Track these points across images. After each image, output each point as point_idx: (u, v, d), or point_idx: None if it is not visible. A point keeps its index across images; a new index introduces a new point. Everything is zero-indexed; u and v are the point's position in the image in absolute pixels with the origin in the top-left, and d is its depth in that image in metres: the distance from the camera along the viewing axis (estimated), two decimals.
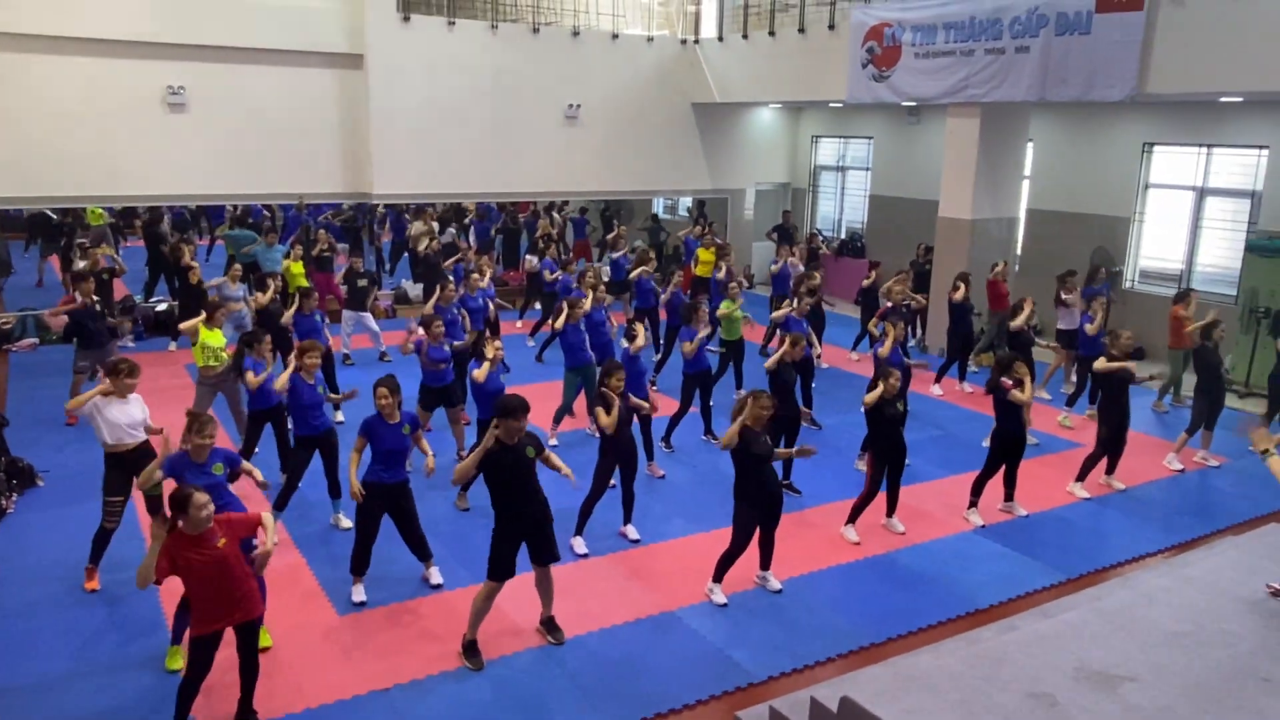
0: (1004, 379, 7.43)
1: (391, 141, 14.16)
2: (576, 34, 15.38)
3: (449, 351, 8.48)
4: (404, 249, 17.66)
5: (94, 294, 9.76)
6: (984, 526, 7.63)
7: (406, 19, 14.04)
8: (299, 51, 13.62)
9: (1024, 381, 7.45)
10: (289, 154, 13.91)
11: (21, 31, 11.98)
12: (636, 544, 7.17)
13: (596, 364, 8.99)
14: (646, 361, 8.54)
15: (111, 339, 9.83)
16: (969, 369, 11.59)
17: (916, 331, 13.45)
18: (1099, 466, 8.42)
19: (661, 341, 11.68)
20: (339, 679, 5.40)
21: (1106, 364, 8.05)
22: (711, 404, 9.52)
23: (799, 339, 8.12)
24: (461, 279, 10.97)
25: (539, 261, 13.57)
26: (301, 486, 7.47)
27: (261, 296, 10.18)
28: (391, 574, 6.54)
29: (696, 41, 16.47)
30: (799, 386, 8.46)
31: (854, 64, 13.38)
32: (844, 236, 17.97)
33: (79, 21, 12.27)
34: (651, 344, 11.00)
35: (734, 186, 17.74)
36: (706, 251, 14.21)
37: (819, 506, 7.92)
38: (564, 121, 15.48)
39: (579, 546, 7.01)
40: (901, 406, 7.30)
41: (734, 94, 16.03)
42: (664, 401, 9.63)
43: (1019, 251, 14.09)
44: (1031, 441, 9.49)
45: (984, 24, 11.66)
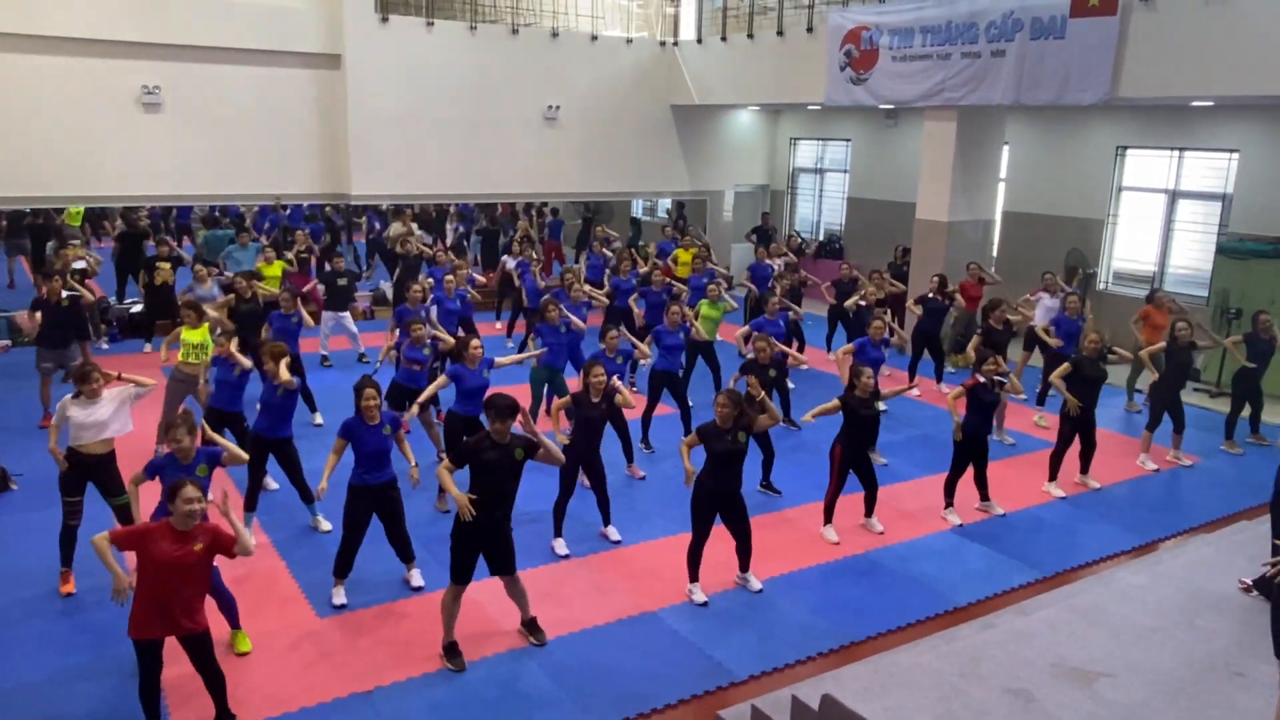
0: (978, 375, 7.53)
1: (370, 142, 14.10)
2: (555, 35, 15.38)
3: (427, 354, 8.46)
4: (378, 248, 17.66)
5: (61, 292, 9.51)
6: (961, 526, 7.71)
7: (385, 19, 14.00)
8: (276, 52, 13.54)
9: (1004, 379, 7.55)
10: (266, 154, 13.82)
11: None
12: (618, 545, 7.19)
13: (570, 362, 9.08)
14: (623, 362, 8.55)
15: (76, 340, 9.62)
16: (945, 370, 11.68)
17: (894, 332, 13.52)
18: (1073, 466, 8.53)
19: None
20: (319, 682, 5.38)
21: (1056, 378, 8.22)
22: (691, 405, 9.54)
23: (763, 339, 8.16)
24: (441, 280, 10.92)
25: (514, 263, 13.58)
26: (280, 489, 7.43)
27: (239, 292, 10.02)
28: (372, 576, 6.51)
29: (675, 43, 16.52)
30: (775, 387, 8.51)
31: (832, 67, 13.48)
32: (822, 239, 18.09)
33: (50, 20, 12.12)
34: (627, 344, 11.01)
35: (713, 188, 17.80)
36: (685, 253, 14.26)
37: (800, 506, 7.98)
38: (543, 122, 15.48)
39: (560, 548, 7.02)
40: (880, 406, 7.36)
41: (713, 96, 16.09)
42: (641, 402, 9.65)
43: (995, 254, 14.23)
44: (1008, 441, 9.61)
45: (960, 28, 11.78)
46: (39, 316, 9.39)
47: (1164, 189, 12.97)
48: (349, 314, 12.05)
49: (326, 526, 7.22)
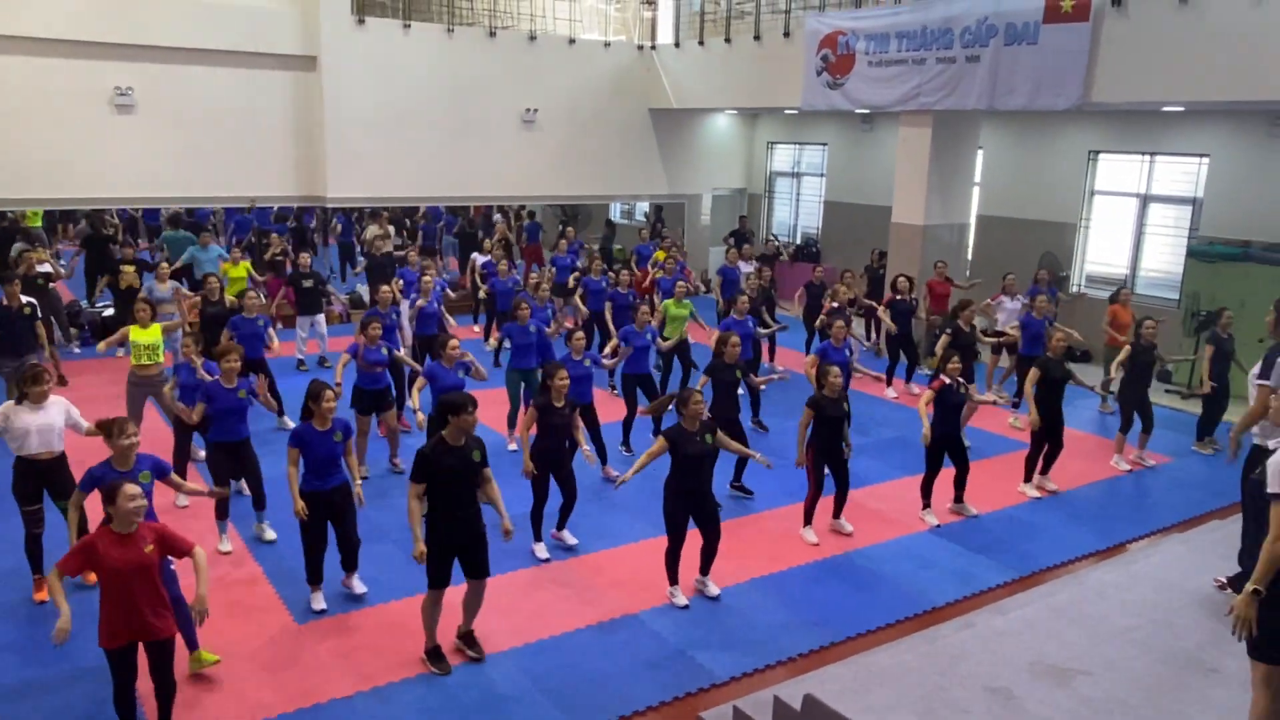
0: (943, 375, 7.60)
1: (346, 144, 14.02)
2: (533, 39, 15.37)
3: (385, 355, 8.38)
4: (352, 250, 17.61)
5: (22, 297, 9.28)
6: (939, 526, 7.76)
7: (361, 21, 13.93)
8: (251, 53, 13.44)
9: (959, 382, 7.62)
10: (241, 156, 13.71)
11: None
12: (572, 550, 7.11)
13: (541, 360, 9.02)
14: (590, 365, 8.52)
15: (37, 346, 9.36)
16: (916, 370, 11.77)
17: (872, 335, 13.64)
18: (1037, 467, 8.61)
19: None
20: (300, 688, 5.33)
21: (1029, 386, 8.29)
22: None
23: (726, 337, 8.17)
24: (414, 283, 10.84)
25: (482, 261, 13.58)
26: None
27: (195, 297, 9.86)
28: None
29: (653, 47, 16.55)
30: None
31: (809, 71, 13.55)
32: (799, 242, 18.17)
33: (21, 20, 11.97)
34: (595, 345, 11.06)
35: (691, 192, 17.83)
36: (663, 254, 14.28)
37: (775, 509, 7.98)
38: (521, 125, 15.45)
39: (540, 552, 7.00)
40: (846, 407, 7.38)
41: (690, 100, 16.13)
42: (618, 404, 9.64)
43: (970, 257, 14.35)
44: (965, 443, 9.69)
45: (935, 33, 11.89)
46: None
47: (1135, 193, 13.13)
48: (323, 317, 11.97)
49: (271, 536, 7.10)
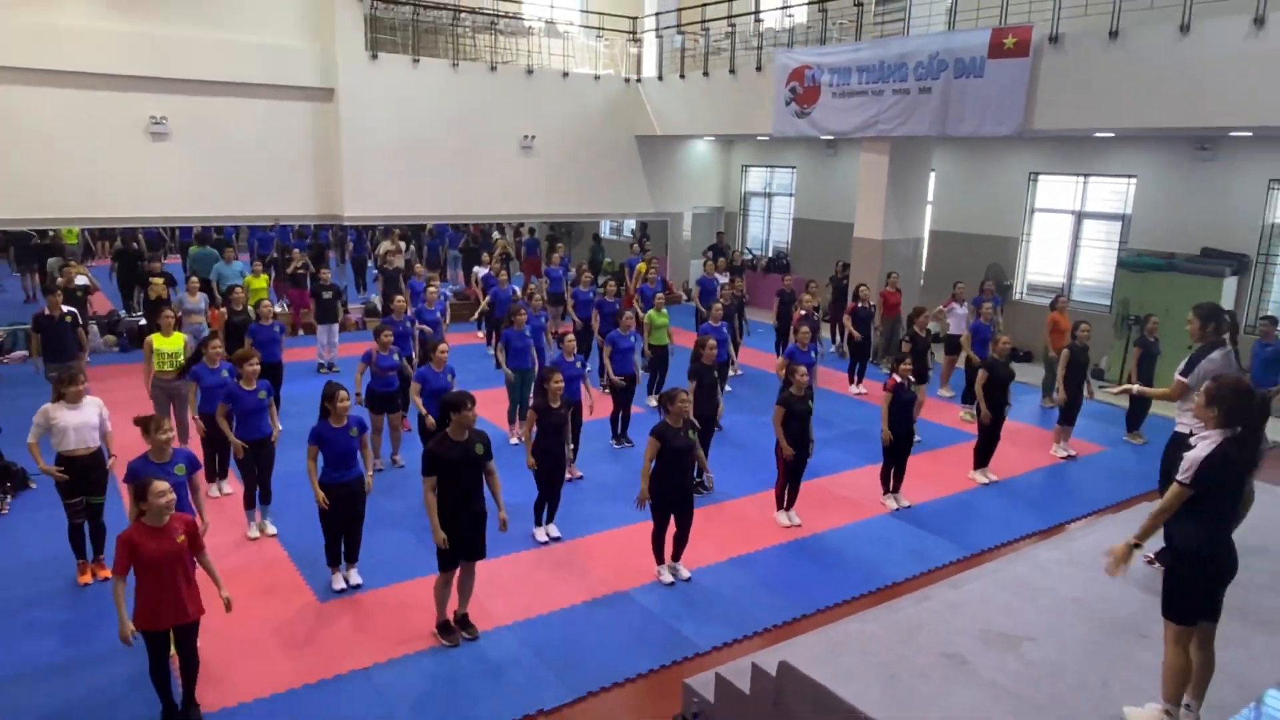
0: (893, 375, 7.65)
1: (361, 168, 13.97)
2: (530, 73, 15.35)
3: (396, 360, 8.35)
4: (363, 265, 17.68)
5: (63, 307, 9.21)
6: (897, 510, 7.79)
7: (375, 57, 13.89)
8: (275, 85, 13.40)
9: (910, 380, 7.67)
10: (265, 179, 13.65)
11: (9, 65, 11.60)
12: (558, 541, 6.99)
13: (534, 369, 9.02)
14: (583, 366, 8.52)
15: (80, 351, 9.30)
16: (868, 368, 11.90)
17: (836, 338, 13.68)
18: (983, 456, 8.65)
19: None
20: (320, 661, 5.30)
21: (979, 388, 8.35)
22: (632, 411, 9.40)
23: (704, 340, 8.18)
24: (420, 293, 10.85)
25: (483, 273, 13.66)
26: (276, 484, 7.28)
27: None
28: (370, 561, 6.42)
29: (639, 80, 16.56)
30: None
31: (779, 102, 13.58)
32: (771, 255, 18.21)
33: (65, 56, 11.90)
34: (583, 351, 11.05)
35: (673, 210, 17.84)
36: (645, 265, 14.29)
37: (750, 496, 7.98)
38: (519, 151, 15.43)
39: (541, 535, 6.99)
40: (810, 404, 7.39)
41: (672, 127, 16.15)
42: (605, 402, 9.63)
43: (924, 268, 14.42)
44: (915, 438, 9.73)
45: (892, 67, 11.94)
46: None
47: (1071, 210, 13.23)
48: (337, 325, 11.99)
49: (272, 531, 7.00)
